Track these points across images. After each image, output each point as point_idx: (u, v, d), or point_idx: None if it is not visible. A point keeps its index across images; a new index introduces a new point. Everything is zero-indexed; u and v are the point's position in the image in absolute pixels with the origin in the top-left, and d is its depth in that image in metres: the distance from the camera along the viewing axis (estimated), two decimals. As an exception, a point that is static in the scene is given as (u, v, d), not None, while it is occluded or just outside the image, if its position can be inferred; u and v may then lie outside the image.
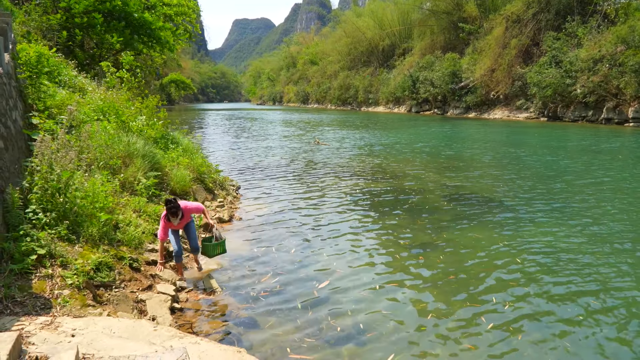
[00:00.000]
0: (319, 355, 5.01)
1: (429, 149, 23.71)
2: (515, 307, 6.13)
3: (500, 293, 6.54)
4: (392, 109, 76.55)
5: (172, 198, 6.74)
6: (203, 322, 5.75)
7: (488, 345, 5.23)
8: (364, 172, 16.57)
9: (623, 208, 11.15)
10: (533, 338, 5.38)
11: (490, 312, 6.01)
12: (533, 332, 5.52)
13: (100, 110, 10.54)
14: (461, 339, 5.35)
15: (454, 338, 5.38)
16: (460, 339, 5.35)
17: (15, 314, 4.35)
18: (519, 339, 5.39)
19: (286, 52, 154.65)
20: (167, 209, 6.63)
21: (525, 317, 5.87)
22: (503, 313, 5.98)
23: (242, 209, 11.24)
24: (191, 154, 12.57)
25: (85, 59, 20.75)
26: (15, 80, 8.01)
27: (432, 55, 66.67)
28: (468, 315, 5.92)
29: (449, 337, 5.40)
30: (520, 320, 5.81)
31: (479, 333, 5.49)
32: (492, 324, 5.67)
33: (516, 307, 6.12)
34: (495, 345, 5.23)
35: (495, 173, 16.45)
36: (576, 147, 24.14)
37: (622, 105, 38.74)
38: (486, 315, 5.93)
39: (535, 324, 5.71)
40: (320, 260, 7.83)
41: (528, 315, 5.93)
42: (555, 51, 44.84)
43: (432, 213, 10.85)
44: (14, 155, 6.23)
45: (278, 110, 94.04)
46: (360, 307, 6.15)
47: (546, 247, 8.43)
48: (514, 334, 5.46)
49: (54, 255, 5.34)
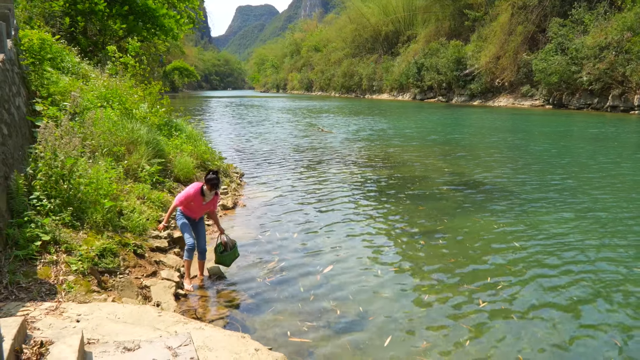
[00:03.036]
0: (319, 339, 5.05)
1: (432, 137, 23.63)
2: (513, 290, 6.17)
3: (498, 277, 6.58)
4: (397, 97, 76.29)
5: (214, 170, 6.40)
6: (207, 308, 5.78)
7: (485, 327, 5.30)
8: (367, 160, 16.55)
9: (623, 196, 11.13)
10: (530, 320, 5.44)
11: (487, 294, 6.06)
12: (533, 314, 5.56)
13: (104, 97, 10.51)
14: (459, 322, 5.41)
15: (452, 321, 5.44)
16: (458, 322, 5.40)
17: (21, 300, 4.37)
18: (515, 320, 5.46)
19: (290, 39, 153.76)
20: (208, 180, 6.21)
21: (522, 300, 5.91)
22: (500, 296, 6.03)
23: (246, 196, 11.25)
24: (195, 141, 12.57)
25: (88, 45, 20.64)
26: (18, 66, 7.99)
27: (436, 42, 66.21)
28: (467, 299, 5.98)
29: (447, 320, 5.46)
30: (516, 302, 5.86)
31: (476, 315, 5.55)
32: (490, 307, 5.74)
33: (514, 291, 6.16)
34: (492, 327, 5.30)
35: (497, 160, 16.40)
36: (580, 135, 24.03)
37: (628, 92, 38.46)
38: (484, 297, 5.99)
39: (534, 307, 5.75)
40: (323, 246, 7.86)
41: (526, 298, 5.97)
42: (561, 38, 44.45)
43: (435, 199, 10.86)
44: (17, 142, 6.23)
45: (282, 97, 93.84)
46: (361, 291, 6.20)
47: (546, 232, 8.47)
48: (511, 316, 5.52)
49: (58, 241, 5.35)
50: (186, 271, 6.38)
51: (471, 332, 5.19)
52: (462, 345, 4.95)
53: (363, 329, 5.28)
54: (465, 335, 5.12)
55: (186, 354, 3.40)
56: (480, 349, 4.87)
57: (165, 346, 3.50)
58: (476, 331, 5.21)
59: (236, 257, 6.80)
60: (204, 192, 6.31)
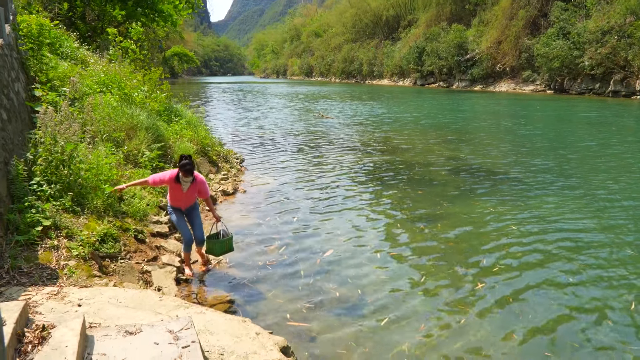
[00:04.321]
0: (319, 322, 5.10)
1: (432, 122, 23.58)
2: (510, 273, 6.24)
3: (496, 260, 6.66)
4: (397, 82, 75.90)
5: (187, 155, 5.95)
6: (208, 293, 5.81)
7: (482, 308, 5.38)
8: (367, 145, 16.52)
9: (622, 180, 11.14)
10: (526, 302, 5.53)
11: (485, 277, 6.14)
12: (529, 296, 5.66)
13: (103, 83, 10.47)
14: (457, 303, 5.49)
15: (450, 302, 5.52)
16: (456, 304, 5.49)
17: (22, 285, 4.39)
18: (509, 301, 5.54)
19: (290, 24, 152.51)
20: (181, 166, 5.77)
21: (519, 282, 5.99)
22: (498, 278, 6.11)
23: (246, 182, 11.25)
24: (195, 126, 12.53)
25: (87, 31, 20.53)
26: (16, 51, 7.94)
27: (437, 26, 65.70)
28: (465, 281, 6.06)
29: (445, 302, 5.54)
30: (513, 284, 5.95)
31: (474, 297, 5.62)
32: (488, 289, 5.82)
33: (511, 274, 6.23)
34: (489, 308, 5.39)
35: (497, 145, 16.38)
36: (581, 120, 23.96)
37: (630, 77, 38.25)
38: (482, 279, 6.07)
39: (530, 288, 5.83)
40: (324, 231, 7.90)
41: (523, 280, 6.07)
42: (563, 22, 44.10)
43: (434, 184, 10.89)
44: (17, 127, 6.21)
45: (282, 83, 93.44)
46: (360, 275, 6.26)
47: (544, 215, 8.55)
48: (508, 298, 5.59)
49: (59, 226, 5.36)
50: (185, 261, 6.32)
51: (469, 313, 5.26)
52: (460, 325, 5.02)
53: (362, 311, 5.34)
54: (463, 317, 5.19)
55: (187, 338, 3.43)
56: (477, 330, 4.95)
57: (166, 330, 3.52)
58: (474, 312, 5.28)
59: (229, 250, 6.38)
60: (180, 179, 5.90)
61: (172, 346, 3.31)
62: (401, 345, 4.66)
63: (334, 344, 4.68)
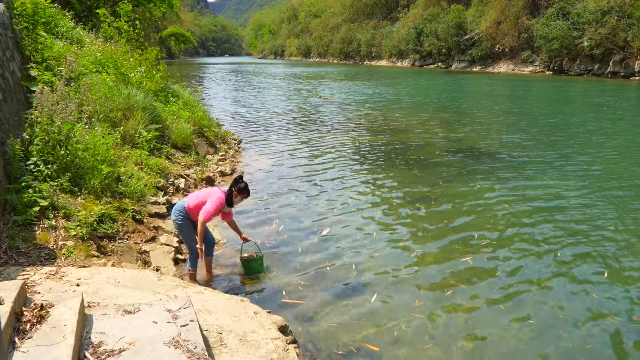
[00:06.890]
0: (316, 300, 5.15)
1: (431, 103, 23.50)
2: (502, 251, 6.32)
3: (490, 239, 6.71)
4: (395, 63, 75.44)
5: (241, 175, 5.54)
6: (207, 272, 5.81)
7: (474, 285, 5.46)
8: (365, 126, 16.48)
9: (619, 162, 11.16)
10: (517, 277, 5.65)
11: (478, 255, 6.22)
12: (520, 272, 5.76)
13: (99, 62, 10.36)
14: (451, 280, 5.56)
15: (444, 279, 5.61)
16: (450, 280, 5.56)
17: (20, 264, 4.40)
18: (502, 277, 5.64)
19: (288, 4, 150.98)
20: (242, 190, 5.37)
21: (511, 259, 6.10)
22: (490, 255, 6.20)
23: (244, 163, 11.24)
24: (192, 107, 12.46)
25: (82, 10, 20.30)
26: (11, 31, 7.84)
27: (437, 6, 65.11)
28: (458, 257, 6.14)
29: (439, 278, 5.63)
30: (505, 261, 6.05)
31: (468, 275, 5.69)
32: (480, 266, 5.93)
33: (503, 253, 6.30)
34: (481, 284, 5.47)
35: (494, 127, 16.38)
36: (580, 101, 23.90)
37: (629, 58, 38.10)
38: (474, 257, 6.14)
39: (521, 267, 5.91)
40: (321, 210, 7.94)
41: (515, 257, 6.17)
42: (563, 2, 43.76)
43: (431, 165, 10.91)
44: (13, 107, 6.16)
45: (280, 64, 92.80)
46: (356, 253, 6.32)
47: (539, 195, 8.69)
48: (497, 274, 5.72)
49: (56, 206, 5.35)
50: (208, 267, 5.67)
51: (464, 290, 5.33)
52: (454, 301, 5.09)
53: (359, 288, 5.40)
54: (458, 292, 5.28)
55: (186, 317, 3.44)
56: (471, 305, 5.02)
57: (165, 309, 3.53)
58: (468, 289, 5.36)
59: (260, 271, 5.74)
60: (232, 202, 5.46)
61: (170, 325, 3.33)
62: (397, 321, 4.71)
63: (332, 322, 4.71)
